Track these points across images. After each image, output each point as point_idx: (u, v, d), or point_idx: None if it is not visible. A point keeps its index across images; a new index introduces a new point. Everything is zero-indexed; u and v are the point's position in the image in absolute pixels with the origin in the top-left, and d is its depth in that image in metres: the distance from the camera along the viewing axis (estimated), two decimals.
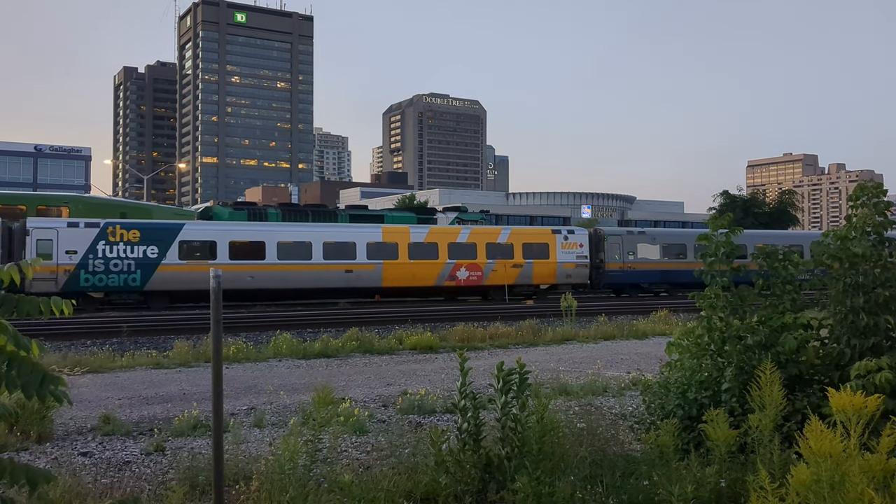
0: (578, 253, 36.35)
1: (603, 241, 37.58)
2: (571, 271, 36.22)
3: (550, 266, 35.85)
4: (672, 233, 44.01)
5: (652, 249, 38.53)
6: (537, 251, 35.72)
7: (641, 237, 38.97)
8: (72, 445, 7.97)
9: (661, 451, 5.71)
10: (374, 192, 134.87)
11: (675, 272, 38.32)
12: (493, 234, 35.78)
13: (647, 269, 38.08)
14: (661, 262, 38.44)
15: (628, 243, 38.05)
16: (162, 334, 20.54)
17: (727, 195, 75.25)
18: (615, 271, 37.42)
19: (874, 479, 3.81)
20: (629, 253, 37.76)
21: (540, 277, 35.84)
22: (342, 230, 33.94)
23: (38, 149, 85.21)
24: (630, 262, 37.74)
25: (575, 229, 38.28)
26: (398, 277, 32.79)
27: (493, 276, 34.54)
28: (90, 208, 36.27)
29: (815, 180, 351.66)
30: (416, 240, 33.76)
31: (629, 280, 37.89)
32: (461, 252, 34.21)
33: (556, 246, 36.18)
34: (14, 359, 3.02)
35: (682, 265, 38.26)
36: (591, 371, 12.90)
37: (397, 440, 7.18)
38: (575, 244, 36.56)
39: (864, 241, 6.16)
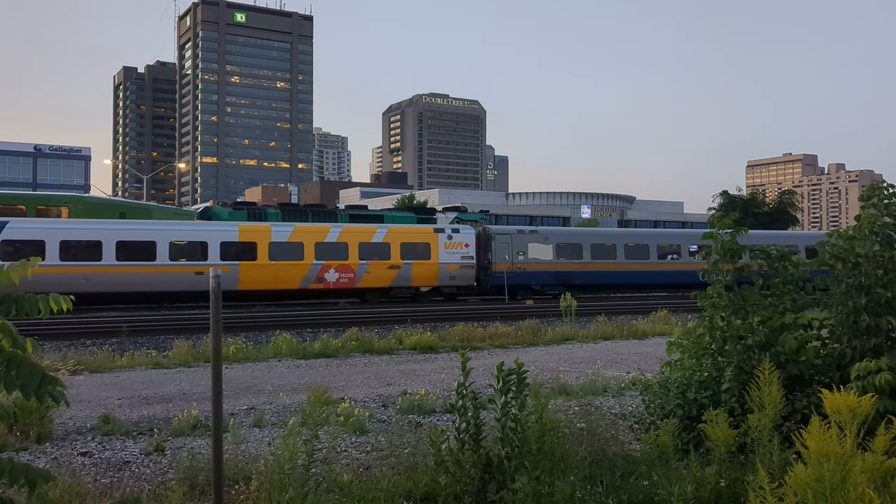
0: (463, 253, 34.37)
1: (491, 241, 35.66)
2: (455, 273, 34.20)
3: (432, 267, 33.75)
4: (567, 231, 42.23)
5: (544, 249, 36.70)
6: (417, 251, 33.70)
7: (533, 236, 37.03)
8: (71, 445, 7.97)
9: (661, 451, 5.71)
10: (374, 192, 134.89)
11: (570, 273, 36.60)
12: (368, 234, 33.56)
13: (538, 269, 36.15)
14: (555, 263, 36.60)
15: (518, 243, 36.16)
16: (161, 334, 20.54)
17: (726, 195, 75.33)
18: (504, 272, 35.31)
19: (872, 479, 3.81)
20: (519, 253, 35.86)
21: (420, 279, 33.77)
22: (192, 228, 31.60)
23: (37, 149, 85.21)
24: (520, 262, 35.80)
25: (460, 228, 35.98)
26: (257, 280, 30.37)
27: (366, 278, 32.45)
28: (90, 208, 36.24)
29: (814, 180, 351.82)
30: (279, 239, 31.44)
31: (519, 281, 35.70)
32: (330, 252, 31.95)
33: (439, 246, 34.17)
34: (13, 359, 3.02)
35: (577, 266, 36.90)
36: (590, 371, 12.90)
37: (397, 440, 7.18)
38: (460, 244, 34.55)
39: (866, 242, 6.16)
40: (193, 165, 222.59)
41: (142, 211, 38.97)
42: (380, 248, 33.08)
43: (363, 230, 33.92)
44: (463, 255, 34.41)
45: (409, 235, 34.47)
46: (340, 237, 32.70)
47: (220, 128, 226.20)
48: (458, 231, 35.37)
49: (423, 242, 34.11)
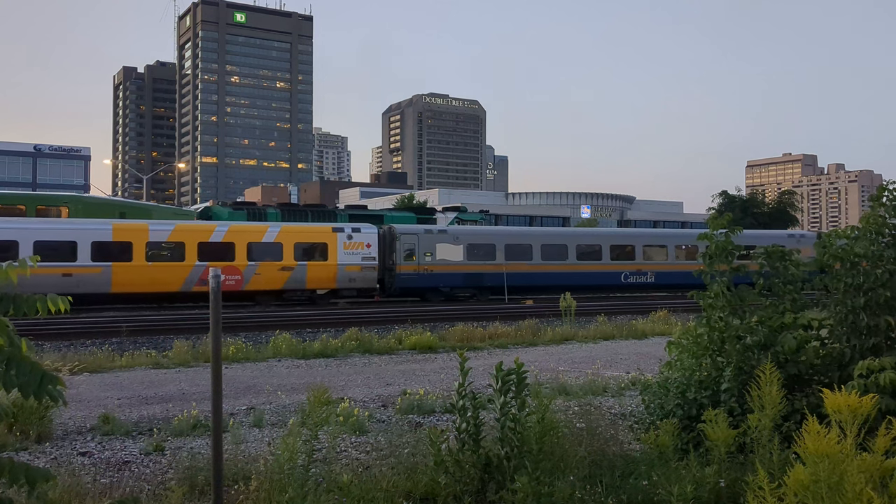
0: (365, 254, 32.61)
1: (395, 241, 33.85)
2: (356, 275, 32.44)
3: (329, 269, 31.95)
4: (478, 231, 39.23)
5: (454, 250, 34.68)
6: (313, 252, 32.04)
7: (441, 236, 35.10)
8: (71, 445, 7.97)
9: (661, 451, 5.72)
10: (374, 192, 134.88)
11: (483, 275, 34.80)
12: (258, 233, 31.64)
13: (448, 271, 34.19)
14: (466, 265, 34.67)
15: (425, 243, 34.24)
16: (161, 334, 20.54)
17: (726, 195, 75.37)
18: (409, 274, 33.62)
19: (871, 480, 3.81)
20: (426, 254, 33.96)
21: (317, 281, 31.95)
22: (60, 227, 29.40)
23: (37, 148, 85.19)
24: (427, 263, 33.93)
25: (361, 227, 34.19)
26: (132, 282, 28.21)
27: (256, 281, 30.61)
28: (89, 208, 36.25)
29: (814, 180, 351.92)
30: (157, 239, 29.51)
31: (426, 284, 34.03)
32: (215, 253, 29.98)
33: (338, 246, 32.33)
34: (13, 358, 3.02)
35: (490, 267, 34.90)
36: (590, 371, 12.90)
37: (397, 440, 7.18)
38: (361, 244, 32.79)
39: (865, 242, 6.16)
40: (193, 165, 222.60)
41: (141, 211, 38.99)
42: (271, 249, 31.32)
43: (252, 229, 32.24)
44: (364, 256, 32.69)
45: (303, 235, 32.83)
46: (227, 237, 30.86)
47: (219, 128, 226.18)
48: (358, 230, 33.53)
49: (319, 242, 32.39)
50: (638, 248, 38.42)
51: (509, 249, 35.66)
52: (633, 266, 37.69)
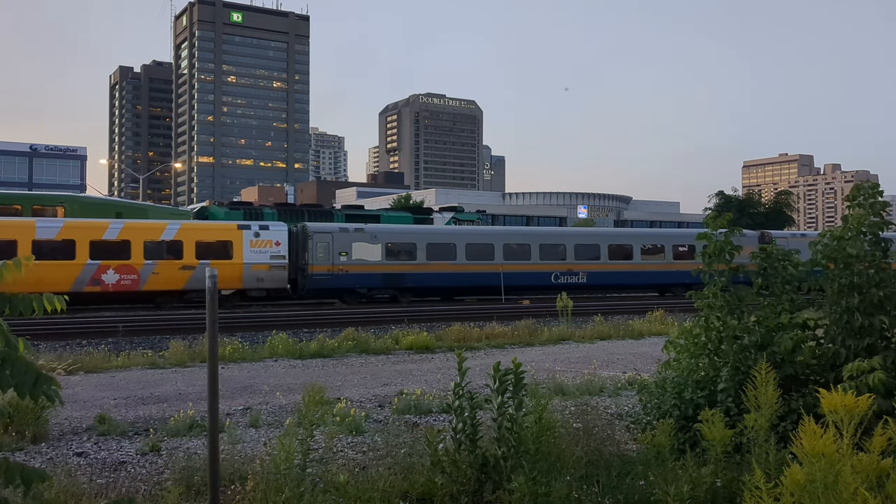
0: (273, 252, 31.19)
1: (308, 240, 32.28)
2: (264, 274, 30.97)
3: (234, 268, 30.34)
4: (398, 230, 37.34)
5: (372, 249, 33.27)
6: (217, 250, 30.39)
7: (358, 235, 33.45)
8: (67, 445, 7.95)
9: (658, 451, 5.72)
10: (371, 191, 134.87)
11: (403, 275, 33.53)
12: (156, 230, 30.12)
13: (365, 272, 32.75)
14: (384, 265, 33.29)
15: (340, 242, 32.72)
16: (158, 334, 20.51)
17: (722, 195, 75.50)
18: (322, 275, 32.10)
19: (867, 479, 3.82)
20: (341, 253, 32.50)
21: (220, 281, 28.72)
22: None
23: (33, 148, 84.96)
24: (342, 263, 32.44)
25: (270, 225, 32.73)
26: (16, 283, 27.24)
27: (154, 280, 29.12)
28: (86, 208, 36.23)
29: (810, 181, 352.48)
30: (45, 236, 27.87)
31: (341, 285, 32.59)
32: (109, 251, 28.53)
33: (243, 244, 30.82)
34: (7, 358, 3.01)
35: (410, 267, 33.64)
36: (587, 371, 12.91)
37: (393, 440, 7.18)
38: (269, 242, 31.31)
39: (858, 242, 6.17)
40: (189, 165, 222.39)
41: (138, 211, 38.98)
42: (171, 247, 29.87)
43: (149, 226, 30.68)
44: (273, 255, 31.27)
45: (206, 233, 31.37)
46: (122, 234, 29.29)
47: (216, 127, 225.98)
48: (266, 228, 32.06)
49: (223, 241, 30.85)
50: (569, 248, 37.03)
51: (431, 249, 34.42)
52: (564, 266, 36.38)
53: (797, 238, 41.03)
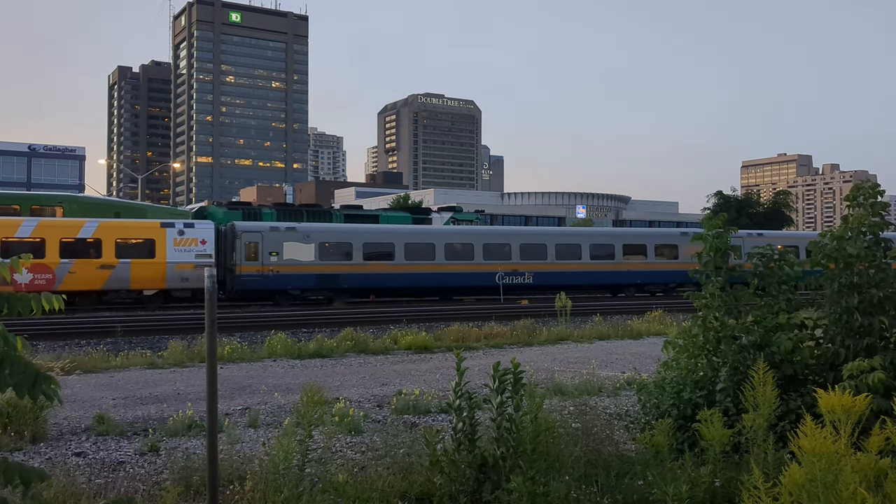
0: (199, 251, 30.09)
1: (236, 239, 31.00)
2: (189, 274, 29.73)
3: (157, 267, 29.32)
4: (332, 229, 35.82)
5: (305, 249, 32.09)
6: (138, 249, 29.40)
7: (290, 234, 32.21)
8: (66, 445, 7.95)
9: (656, 451, 5.72)
10: (370, 191, 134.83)
11: (338, 276, 32.33)
12: (73, 228, 28.88)
13: (297, 272, 31.48)
14: (318, 265, 32.11)
15: (270, 242, 31.50)
16: (156, 334, 20.50)
17: (721, 195, 75.53)
18: (251, 275, 30.88)
19: (866, 479, 3.82)
20: (272, 253, 31.33)
21: (142, 281, 29.24)
22: None
23: (31, 148, 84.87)
24: (273, 264, 31.26)
25: (196, 223, 31.56)
26: None
27: (71, 280, 28.00)
28: (84, 208, 36.21)
29: (809, 181, 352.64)
30: None
31: (271, 286, 31.40)
32: (22, 250, 26.68)
33: (167, 243, 29.72)
34: (6, 358, 3.01)
35: (346, 268, 32.48)
36: (585, 371, 12.91)
37: (392, 440, 7.17)
38: (194, 241, 30.15)
39: (858, 242, 6.17)
40: (188, 165, 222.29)
41: (137, 211, 38.95)
42: (89, 246, 28.75)
43: (65, 224, 29.63)
44: (199, 254, 30.18)
45: (126, 230, 30.15)
46: (35, 232, 28.27)
47: (214, 127, 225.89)
48: (192, 226, 30.90)
49: (145, 239, 29.73)
50: (515, 248, 35.86)
51: (368, 249, 33.48)
52: (509, 266, 35.29)
53: (752, 237, 40.15)
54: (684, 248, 38.44)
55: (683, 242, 38.94)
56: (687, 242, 38.92)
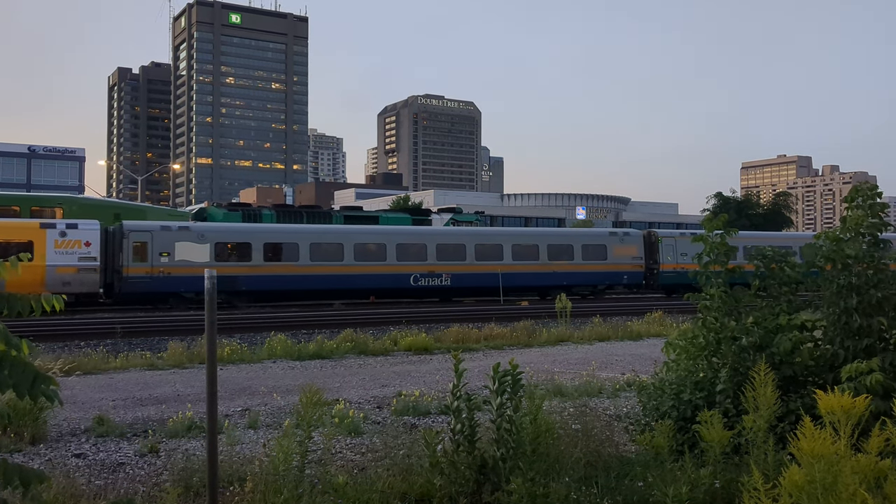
0: (83, 254, 28.36)
1: (123, 240, 29.41)
2: (71, 277, 28.05)
3: (35, 270, 27.21)
4: (230, 228, 33.96)
5: (199, 250, 30.36)
6: (15, 251, 24.93)
7: (182, 234, 30.51)
8: (65, 447, 7.94)
9: (656, 452, 5.72)
10: (369, 193, 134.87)
11: (236, 278, 30.40)
12: None
13: (189, 274, 29.32)
14: (213, 266, 28.60)
15: (161, 242, 29.76)
16: (156, 335, 20.50)
17: (720, 196, 75.54)
18: (140, 277, 29.23)
19: (866, 480, 3.82)
20: (162, 254, 29.67)
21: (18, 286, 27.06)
22: None
23: (31, 149, 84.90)
24: (164, 265, 29.59)
25: (79, 223, 29.47)
26: None
27: None
28: (84, 209, 36.24)
29: (808, 182, 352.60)
30: None
31: (162, 288, 29.65)
32: None
33: (47, 244, 27.90)
34: (5, 358, 3.01)
35: (245, 269, 30.76)
36: (585, 372, 12.90)
37: (392, 441, 7.17)
38: (78, 242, 28.31)
39: (857, 243, 6.17)
40: (188, 166, 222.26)
41: (136, 212, 38.98)
42: None
43: None
44: (82, 256, 28.44)
45: (2, 232, 27.93)
46: None
47: (214, 129, 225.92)
48: (75, 227, 28.98)
49: (22, 241, 27.52)
50: (431, 248, 34.40)
51: (269, 249, 32.00)
52: (425, 267, 33.91)
53: (685, 237, 39.86)
54: (613, 248, 37.90)
55: (612, 243, 38.29)
56: (616, 243, 38.28)
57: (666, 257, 39.18)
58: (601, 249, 37.89)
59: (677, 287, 39.23)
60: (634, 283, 39.17)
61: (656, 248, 39.22)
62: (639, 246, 38.72)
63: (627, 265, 38.16)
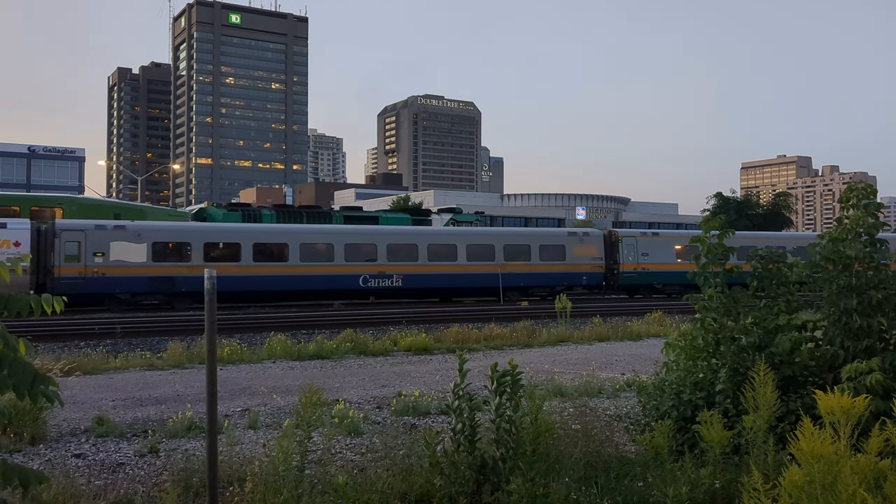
0: (11, 254, 26.92)
1: (55, 239, 28.30)
2: None
3: None
4: (169, 227, 32.81)
5: (136, 249, 29.30)
6: None
7: (118, 233, 29.34)
8: (65, 447, 7.94)
9: (656, 453, 5.72)
10: (369, 193, 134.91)
11: (174, 279, 29.63)
12: None
13: (125, 274, 28.63)
14: (151, 267, 29.40)
15: (95, 241, 28.68)
16: (156, 335, 20.50)
17: (720, 197, 75.54)
18: (72, 278, 28.00)
19: (865, 481, 3.82)
20: (96, 254, 28.66)
21: None
22: None
23: (31, 150, 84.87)
24: (98, 265, 28.60)
25: (8, 223, 28.43)
26: None
27: None
28: (84, 209, 36.26)
29: (808, 182, 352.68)
30: None
31: (95, 289, 28.57)
32: None
33: None
34: (5, 358, 3.01)
35: (183, 270, 29.67)
36: (585, 372, 12.90)
37: (392, 442, 7.17)
38: (6, 243, 27.38)
39: (856, 243, 6.17)
40: (188, 167, 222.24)
41: (136, 212, 38.99)
42: None
43: None
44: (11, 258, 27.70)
45: None
46: None
47: (214, 129, 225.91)
48: (4, 226, 27.98)
49: None
50: (381, 248, 33.44)
51: (210, 249, 31.03)
52: (375, 268, 32.99)
53: (647, 237, 39.65)
54: (572, 248, 37.06)
55: (571, 243, 37.39)
56: (575, 243, 37.40)
57: (627, 257, 38.31)
58: (560, 250, 36.96)
59: (638, 287, 38.81)
60: (594, 284, 38.08)
61: (617, 248, 38.39)
62: (599, 246, 37.84)
63: (587, 266, 37.22)
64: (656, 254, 39.02)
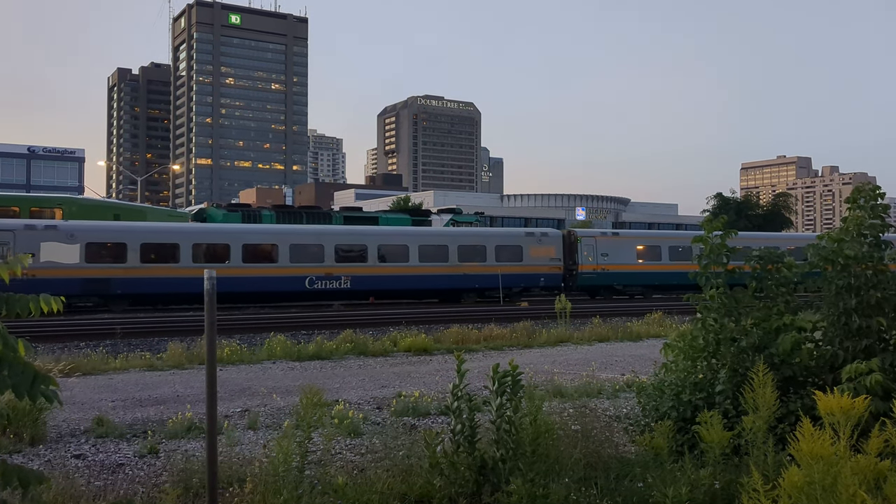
0: None
1: None
2: None
3: None
4: (104, 227, 31.49)
5: (68, 250, 28.26)
6: None
7: (49, 233, 28.23)
8: (65, 448, 7.94)
9: (656, 453, 5.72)
10: (369, 193, 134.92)
11: (109, 281, 28.69)
12: None
13: (57, 276, 27.00)
14: (85, 268, 28.44)
15: (25, 242, 27.50)
16: (156, 336, 20.49)
17: (720, 197, 75.58)
18: None
19: (865, 481, 3.82)
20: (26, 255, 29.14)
21: None
22: None
23: (31, 150, 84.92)
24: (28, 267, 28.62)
25: None
26: None
27: None
28: (84, 210, 36.26)
29: (808, 183, 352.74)
30: None
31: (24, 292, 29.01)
32: None
33: None
34: (4, 359, 3.01)
35: (120, 272, 28.77)
36: (585, 373, 12.90)
37: (392, 442, 7.17)
38: None
39: (856, 244, 6.16)
40: (188, 167, 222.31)
41: (136, 213, 39.01)
42: None
43: None
44: None
45: None
46: None
47: (214, 129, 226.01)
48: None
49: None
50: (328, 248, 32.64)
51: (147, 250, 29.82)
52: (322, 269, 32.19)
53: (607, 238, 39.34)
54: (529, 249, 36.42)
55: (528, 244, 36.76)
56: (532, 244, 36.79)
57: (586, 258, 37.91)
58: (516, 250, 36.32)
59: (598, 288, 38.42)
60: (553, 286, 36.88)
61: (576, 249, 37.91)
62: (557, 247, 37.34)
63: (545, 267, 36.63)
64: (616, 254, 38.79)
